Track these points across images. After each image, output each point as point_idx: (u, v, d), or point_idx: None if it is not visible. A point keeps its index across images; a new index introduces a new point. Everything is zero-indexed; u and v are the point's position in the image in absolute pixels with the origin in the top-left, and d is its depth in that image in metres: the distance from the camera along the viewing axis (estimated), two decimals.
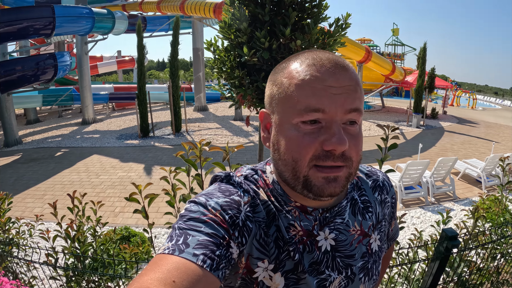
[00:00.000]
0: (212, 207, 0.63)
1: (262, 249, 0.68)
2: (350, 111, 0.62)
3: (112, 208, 5.68)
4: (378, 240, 0.83)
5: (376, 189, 0.87)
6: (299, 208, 0.72)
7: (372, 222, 0.81)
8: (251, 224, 0.67)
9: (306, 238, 0.71)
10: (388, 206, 0.89)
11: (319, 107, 0.60)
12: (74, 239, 1.96)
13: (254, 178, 0.76)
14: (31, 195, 6.32)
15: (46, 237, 2.19)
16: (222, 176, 0.75)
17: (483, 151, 10.65)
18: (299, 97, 0.62)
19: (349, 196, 0.79)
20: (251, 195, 0.71)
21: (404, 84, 19.02)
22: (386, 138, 1.73)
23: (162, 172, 7.62)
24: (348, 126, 0.63)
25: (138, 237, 4.14)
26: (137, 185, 1.65)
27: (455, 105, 26.49)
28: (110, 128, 13.28)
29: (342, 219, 0.76)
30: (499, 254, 2.53)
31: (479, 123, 17.14)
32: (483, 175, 6.92)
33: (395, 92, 32.18)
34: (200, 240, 0.57)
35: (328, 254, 0.73)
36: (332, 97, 0.61)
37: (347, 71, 0.64)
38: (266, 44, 3.32)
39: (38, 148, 10.05)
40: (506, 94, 57.07)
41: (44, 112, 17.14)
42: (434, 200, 6.32)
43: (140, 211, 1.63)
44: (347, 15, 3.57)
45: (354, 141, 0.63)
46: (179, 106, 12.12)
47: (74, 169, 7.91)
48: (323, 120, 0.62)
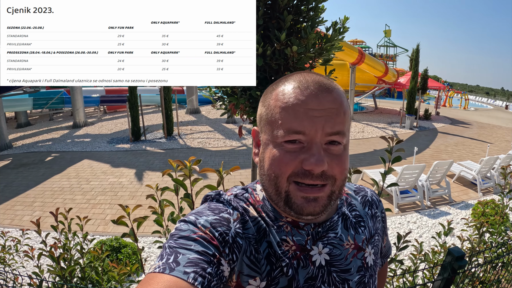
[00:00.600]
0: (202, 224, 0.64)
1: (253, 266, 0.67)
2: (330, 134, 0.64)
3: (103, 216, 5.53)
4: (373, 254, 0.82)
5: (366, 204, 0.88)
6: (290, 223, 0.72)
7: (366, 236, 0.82)
8: (241, 240, 0.67)
9: (299, 252, 0.71)
10: (379, 220, 0.90)
11: (299, 130, 0.63)
12: (59, 260, 1.85)
13: (245, 196, 0.77)
14: (21, 202, 6.14)
15: (31, 255, 2.07)
16: (212, 195, 0.76)
17: (477, 152, 10.70)
18: (282, 119, 0.65)
19: (340, 211, 0.80)
20: (240, 212, 0.71)
21: (397, 85, 19.07)
22: (390, 150, 1.65)
23: (153, 178, 7.48)
24: (330, 146, 0.65)
25: (129, 248, 4.01)
26: (125, 207, 1.56)
27: (447, 105, 26.69)
28: (101, 131, 13.06)
29: (335, 233, 0.76)
30: (500, 263, 2.48)
31: (472, 123, 17.27)
32: (479, 177, 6.92)
33: (387, 93, 32.34)
34: (190, 258, 0.57)
35: (323, 269, 0.72)
36: (312, 119, 0.63)
37: (331, 94, 0.66)
38: (260, 50, 3.17)
39: (29, 152, 9.81)
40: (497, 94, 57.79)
41: (35, 115, 16.82)
42: (430, 204, 6.28)
43: (128, 235, 1.54)
44: (345, 18, 3.42)
45: (337, 160, 0.65)
46: (171, 109, 11.97)
47: (65, 175, 7.72)
48: (304, 141, 0.64)
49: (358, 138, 12.43)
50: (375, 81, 18.43)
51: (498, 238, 2.60)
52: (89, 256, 2.12)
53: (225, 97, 4.01)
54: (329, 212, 0.77)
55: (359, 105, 22.86)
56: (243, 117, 3.94)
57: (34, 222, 2.04)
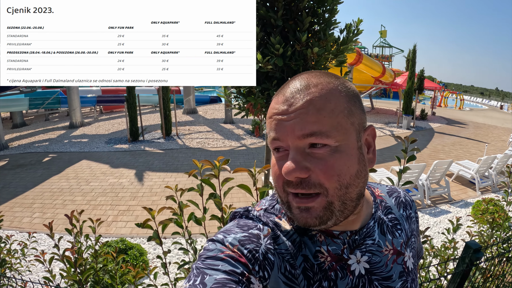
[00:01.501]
0: (230, 242, 0.61)
1: (290, 283, 0.63)
2: (304, 136, 0.59)
3: (105, 217, 5.50)
4: (412, 257, 0.79)
5: (400, 205, 0.85)
6: (324, 232, 0.68)
7: (403, 240, 0.78)
8: (272, 257, 0.62)
9: (335, 263, 0.66)
10: (414, 221, 0.86)
11: (275, 136, 0.62)
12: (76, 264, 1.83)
13: (276, 208, 0.73)
14: (19, 203, 6.10)
15: (42, 259, 2.05)
16: (240, 212, 0.73)
17: (474, 152, 10.74)
18: (268, 127, 0.65)
19: (375, 216, 0.76)
20: (270, 227, 0.68)
21: (394, 85, 19.11)
22: (405, 149, 1.66)
23: (154, 178, 7.46)
24: (313, 150, 0.60)
25: (136, 250, 3.98)
26: (151, 210, 1.53)
27: (443, 106, 26.77)
28: (99, 132, 13.03)
29: (372, 240, 0.72)
30: (505, 258, 2.51)
31: (467, 123, 17.33)
32: (477, 176, 6.95)
33: (383, 93, 32.39)
34: (217, 279, 0.54)
35: (363, 278, 0.68)
36: (284, 126, 0.61)
37: (305, 91, 0.61)
38: (281, 50, 3.19)
39: (25, 153, 9.77)
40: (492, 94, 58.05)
41: (31, 115, 16.76)
42: (430, 203, 6.32)
43: (153, 238, 1.51)
44: (359, 20, 3.46)
45: (320, 165, 0.59)
46: (169, 109, 11.95)
47: (63, 176, 7.69)
48: (287, 147, 0.62)
49: None
50: (372, 82, 18.46)
51: (503, 234, 2.63)
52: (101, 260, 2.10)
53: (239, 97, 4.04)
54: (365, 219, 0.74)
55: None
56: (260, 117, 3.97)
57: (46, 226, 2.01)
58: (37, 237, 4.63)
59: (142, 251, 4.09)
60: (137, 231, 5.05)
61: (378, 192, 0.84)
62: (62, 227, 4.96)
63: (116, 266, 2.01)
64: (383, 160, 9.25)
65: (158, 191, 6.68)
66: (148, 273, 1.82)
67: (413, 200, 0.90)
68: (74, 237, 2.00)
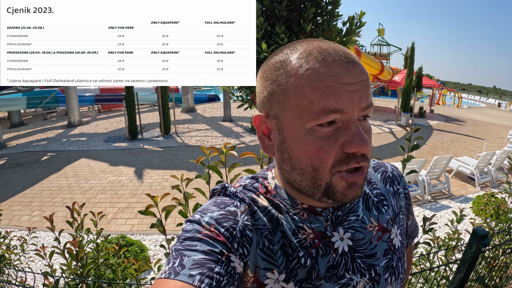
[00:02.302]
0: (206, 222, 0.60)
1: (269, 259, 0.62)
2: (366, 107, 0.57)
3: (104, 215, 5.49)
4: (399, 235, 0.76)
5: (387, 180, 0.81)
6: (307, 209, 0.66)
7: (390, 216, 0.75)
8: (250, 233, 0.62)
9: (318, 240, 0.65)
10: (402, 197, 0.82)
11: (338, 108, 0.54)
12: (77, 258, 1.82)
13: (254, 186, 0.71)
14: (18, 202, 6.10)
15: (42, 254, 2.04)
16: (218, 189, 0.71)
17: (473, 148, 10.77)
18: (313, 98, 0.55)
19: None
20: (247, 203, 0.66)
21: (392, 83, 19.14)
22: (409, 138, 1.67)
23: (154, 176, 7.46)
24: (361, 122, 0.58)
25: (136, 246, 4.00)
26: (153, 196, 1.52)
27: (441, 103, 26.81)
28: (97, 130, 13.01)
29: (356, 216, 0.70)
30: (509, 249, 2.54)
31: (466, 121, 17.36)
32: (476, 172, 6.98)
33: (381, 91, 32.42)
34: (196, 260, 0.54)
35: (346, 255, 0.67)
36: (350, 95, 0.55)
37: (358, 65, 0.58)
38: (286, 40, 3.21)
39: (24, 152, 9.75)
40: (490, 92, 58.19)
41: (29, 115, 16.71)
42: (430, 198, 6.37)
43: (156, 225, 1.50)
44: (361, 13, 3.50)
45: (369, 136, 0.59)
46: (168, 107, 11.94)
47: (62, 174, 7.68)
48: (340, 121, 0.56)
49: None
50: (371, 79, 18.48)
51: (505, 225, 2.66)
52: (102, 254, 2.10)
53: (243, 89, 4.05)
54: None
55: None
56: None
57: (47, 218, 2.00)
58: (37, 234, 4.63)
59: (142, 248, 4.10)
60: (137, 228, 5.05)
61: None
62: (61, 225, 4.96)
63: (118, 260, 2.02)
64: (382, 156, 9.26)
65: (158, 188, 6.68)
66: (151, 266, 1.81)
67: (401, 175, 0.86)
68: (75, 230, 2.00)
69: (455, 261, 1.90)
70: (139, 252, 3.96)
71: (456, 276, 1.77)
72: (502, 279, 2.56)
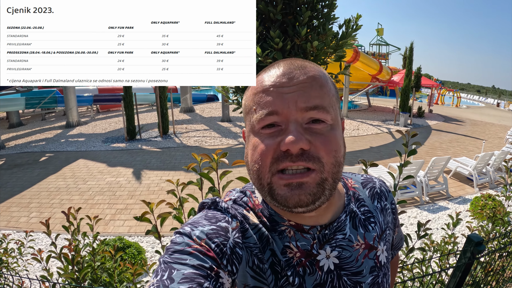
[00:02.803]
0: (197, 236, 0.60)
1: (258, 277, 0.63)
2: (306, 109, 0.59)
3: (102, 216, 5.49)
4: (385, 251, 0.77)
5: (375, 197, 0.82)
6: (294, 227, 0.67)
7: (377, 233, 0.76)
8: (240, 251, 0.62)
9: (304, 259, 0.66)
10: (389, 213, 0.84)
11: (272, 110, 0.60)
12: (73, 262, 1.82)
13: (243, 200, 0.72)
14: (16, 203, 6.08)
15: (39, 258, 2.04)
16: (209, 203, 0.71)
17: (471, 149, 10.78)
18: (257, 105, 0.62)
19: (347, 209, 0.74)
20: (239, 220, 0.66)
21: (390, 83, 19.17)
22: (406, 143, 1.68)
23: (152, 177, 7.45)
24: (312, 125, 0.60)
25: (134, 248, 3.99)
26: (149, 203, 1.52)
27: (439, 103, 26.87)
28: (96, 131, 12.99)
29: (343, 234, 0.71)
30: (505, 252, 2.54)
31: (464, 121, 17.39)
32: (475, 173, 6.99)
33: (380, 91, 32.46)
34: (185, 274, 0.53)
35: (332, 273, 0.67)
36: (284, 96, 0.60)
37: (304, 69, 0.62)
38: (280, 44, 3.20)
39: (22, 153, 9.73)
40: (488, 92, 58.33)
41: (27, 115, 16.68)
42: (428, 199, 6.36)
43: (152, 231, 1.51)
44: (358, 16, 3.49)
45: (321, 139, 0.60)
46: (167, 108, 11.93)
47: (60, 175, 7.67)
48: (282, 123, 0.60)
49: (353, 135, 12.48)
50: (369, 79, 18.50)
51: (502, 229, 2.66)
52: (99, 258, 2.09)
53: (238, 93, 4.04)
54: (336, 211, 0.72)
55: (353, 103, 22.95)
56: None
57: (43, 223, 2.00)
58: (34, 236, 4.62)
59: (140, 250, 4.09)
60: (135, 230, 5.04)
61: (351, 183, 0.83)
62: (59, 226, 4.95)
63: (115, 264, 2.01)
64: (380, 157, 9.27)
65: (156, 190, 6.67)
66: (147, 270, 1.81)
67: (389, 190, 0.88)
68: (71, 234, 1.99)
69: (449, 267, 1.91)
70: (136, 254, 3.95)
71: (452, 280, 1.78)
72: (499, 282, 2.57)
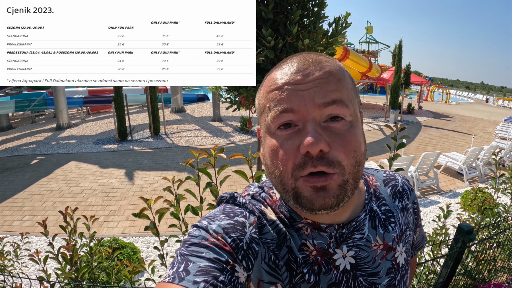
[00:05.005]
0: (214, 230, 0.59)
1: (274, 273, 0.62)
2: (324, 104, 0.56)
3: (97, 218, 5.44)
4: (404, 252, 0.75)
5: (396, 195, 0.79)
6: (310, 225, 0.66)
7: (396, 234, 0.73)
8: (257, 246, 0.61)
9: (320, 258, 0.65)
10: (410, 212, 0.80)
11: (287, 107, 0.57)
12: (71, 262, 1.82)
13: (262, 196, 0.71)
14: (9, 207, 6.01)
15: (36, 259, 2.03)
16: (227, 197, 0.70)
17: (461, 144, 10.93)
18: (271, 103, 0.60)
19: (367, 207, 0.72)
20: (257, 215, 0.65)
21: (380, 80, 19.30)
22: (395, 137, 1.71)
23: (144, 177, 7.42)
24: (330, 124, 0.57)
25: (129, 248, 3.98)
26: (147, 199, 1.53)
27: (429, 100, 27.15)
28: (86, 132, 12.87)
29: (361, 234, 0.68)
30: (495, 243, 2.60)
31: (454, 117, 17.62)
32: (465, 167, 7.09)
33: (369, 88, 32.68)
34: (201, 267, 0.53)
35: (348, 273, 0.66)
36: (300, 94, 0.57)
37: (319, 64, 0.60)
38: (272, 42, 3.25)
39: (13, 156, 9.61)
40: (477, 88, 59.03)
41: (17, 118, 16.46)
42: (419, 194, 6.45)
43: (150, 227, 1.52)
44: (347, 14, 3.55)
45: (340, 140, 0.57)
46: (157, 108, 11.88)
47: (52, 178, 7.59)
48: (298, 122, 0.57)
49: None
50: (359, 77, 18.60)
51: (492, 219, 2.72)
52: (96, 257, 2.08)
53: (230, 91, 4.07)
54: (355, 210, 0.70)
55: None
56: (252, 110, 4.00)
57: (40, 224, 1.99)
58: (29, 239, 4.58)
59: (135, 250, 4.09)
60: (129, 230, 5.02)
61: (372, 181, 0.80)
62: (53, 229, 4.91)
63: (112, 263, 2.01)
64: (371, 153, 9.35)
65: (149, 190, 6.65)
66: (145, 267, 1.82)
67: (412, 188, 0.84)
68: (68, 234, 1.99)
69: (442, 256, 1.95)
70: (132, 254, 3.95)
71: (444, 270, 1.82)
72: (491, 272, 2.63)
